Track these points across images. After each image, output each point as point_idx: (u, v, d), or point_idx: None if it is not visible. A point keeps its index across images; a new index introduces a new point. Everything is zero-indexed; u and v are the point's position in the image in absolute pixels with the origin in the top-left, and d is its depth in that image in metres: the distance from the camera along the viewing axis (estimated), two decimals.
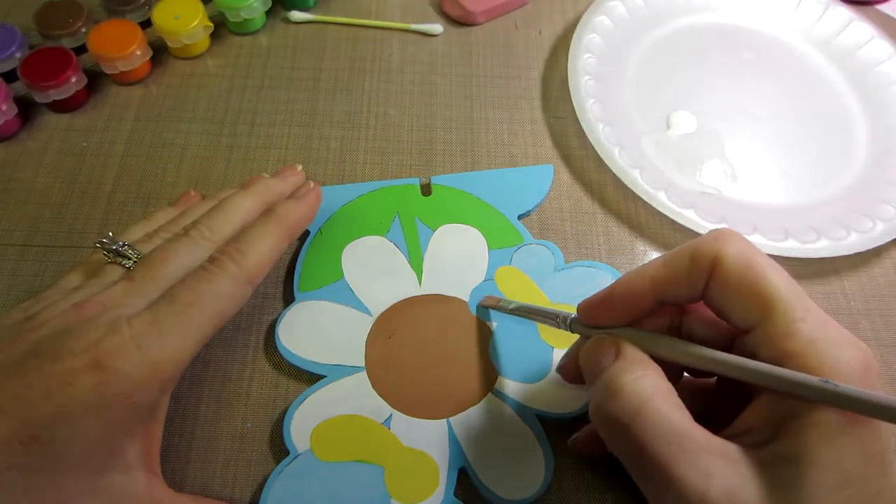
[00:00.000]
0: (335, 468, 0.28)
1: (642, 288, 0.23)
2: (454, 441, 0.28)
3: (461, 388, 0.30)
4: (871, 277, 0.36)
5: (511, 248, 0.34)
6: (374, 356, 0.30)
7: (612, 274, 0.33)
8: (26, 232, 0.34)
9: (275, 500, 0.27)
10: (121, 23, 0.39)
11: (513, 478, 0.28)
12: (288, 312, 0.31)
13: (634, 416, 0.21)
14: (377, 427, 0.29)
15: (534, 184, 0.36)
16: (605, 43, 0.42)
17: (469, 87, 0.41)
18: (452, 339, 0.31)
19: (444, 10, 0.44)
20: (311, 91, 0.40)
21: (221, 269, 0.26)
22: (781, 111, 0.41)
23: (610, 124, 0.38)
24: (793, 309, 0.21)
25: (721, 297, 0.22)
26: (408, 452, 0.28)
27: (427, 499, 0.27)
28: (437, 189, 0.36)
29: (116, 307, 0.24)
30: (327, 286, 0.32)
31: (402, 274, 0.33)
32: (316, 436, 0.28)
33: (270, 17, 0.43)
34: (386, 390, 0.30)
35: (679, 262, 0.23)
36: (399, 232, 0.34)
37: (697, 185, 0.37)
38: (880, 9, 0.47)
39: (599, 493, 0.29)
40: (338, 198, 0.35)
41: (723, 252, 0.22)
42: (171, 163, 0.37)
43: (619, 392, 0.21)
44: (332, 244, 0.34)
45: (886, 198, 0.37)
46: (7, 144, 0.37)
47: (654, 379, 0.22)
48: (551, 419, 0.29)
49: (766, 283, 0.21)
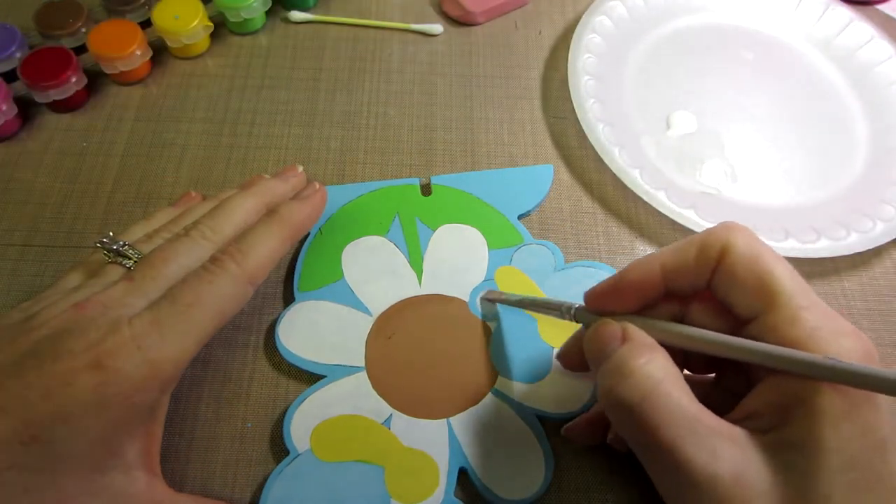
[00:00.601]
0: (335, 468, 0.28)
1: (653, 273, 0.24)
2: (454, 441, 0.28)
3: (461, 388, 0.30)
4: (871, 277, 0.36)
5: (511, 248, 0.34)
6: (374, 356, 0.30)
7: (609, 272, 0.33)
8: (26, 232, 0.34)
9: (275, 501, 0.27)
10: (121, 23, 0.39)
11: (513, 478, 0.28)
12: (288, 312, 0.31)
13: (644, 399, 0.21)
14: (377, 427, 0.29)
15: (534, 184, 0.36)
16: (605, 43, 0.42)
17: (469, 87, 0.41)
18: (452, 339, 0.31)
19: (444, 10, 0.44)
20: (311, 91, 0.40)
21: (223, 269, 0.26)
22: (781, 111, 0.41)
23: (610, 124, 0.38)
24: (797, 298, 0.21)
25: (727, 285, 0.23)
26: (408, 452, 0.28)
27: (427, 499, 0.27)
28: (437, 189, 0.36)
29: (117, 307, 0.24)
30: (327, 286, 0.32)
31: (403, 274, 0.33)
32: (316, 436, 0.28)
33: (270, 17, 0.43)
34: (386, 390, 0.30)
35: (688, 250, 0.23)
36: (399, 232, 0.34)
37: (697, 185, 0.37)
38: (880, 9, 0.47)
39: (599, 494, 0.29)
40: (338, 198, 0.35)
41: (732, 241, 0.23)
42: (171, 163, 0.37)
43: (630, 375, 0.21)
44: (332, 244, 0.34)
45: (886, 198, 0.37)
46: (7, 144, 0.37)
47: (663, 362, 0.22)
48: (551, 419, 0.29)
49: (772, 273, 0.22)
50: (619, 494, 0.29)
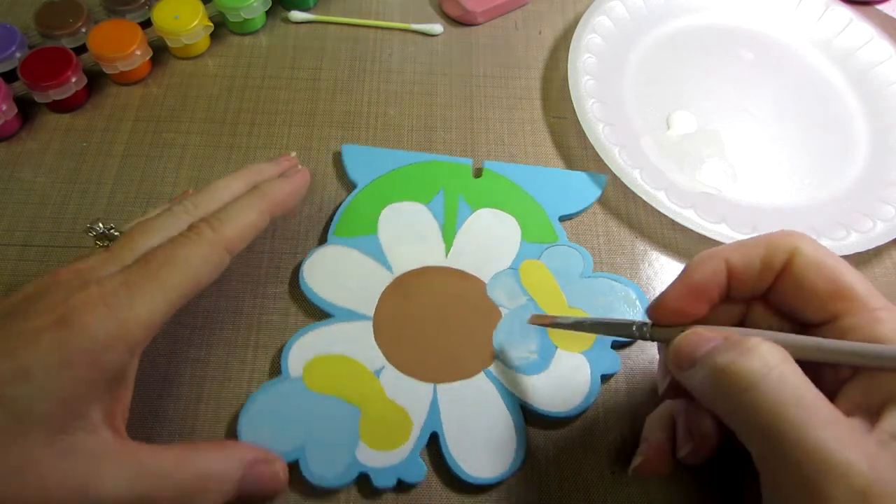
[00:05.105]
0: (318, 398, 0.29)
1: (720, 273, 0.23)
2: (435, 406, 0.29)
3: (456, 360, 0.31)
4: (871, 277, 0.36)
5: (544, 245, 0.34)
6: (384, 310, 0.32)
7: (634, 289, 0.33)
8: (26, 232, 0.34)
9: (256, 410, 0.29)
10: (121, 23, 0.39)
11: (480, 457, 0.28)
12: (318, 251, 0.33)
13: (767, 374, 0.20)
14: (367, 374, 0.30)
15: (584, 189, 0.37)
16: (605, 43, 0.42)
17: (469, 87, 0.41)
18: (461, 314, 0.32)
19: (444, 10, 0.44)
20: (311, 91, 0.40)
21: (198, 234, 0.26)
22: (781, 111, 0.41)
23: (610, 124, 0.38)
24: (873, 300, 0.22)
25: (795, 289, 0.23)
26: (389, 404, 0.29)
27: (393, 450, 0.28)
28: (488, 174, 0.37)
29: (91, 273, 0.24)
30: (360, 237, 0.34)
31: (432, 243, 0.34)
32: (309, 366, 0.30)
33: (270, 17, 0.43)
34: (385, 343, 0.31)
35: (755, 250, 0.23)
36: (440, 204, 0.35)
37: (697, 185, 0.37)
38: (880, 9, 0.47)
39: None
40: (392, 160, 0.37)
41: (800, 247, 0.23)
42: (171, 163, 0.37)
43: (754, 350, 0.21)
44: (375, 200, 0.35)
45: (886, 198, 0.37)
46: (7, 144, 0.37)
47: (778, 347, 0.21)
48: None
49: (844, 277, 0.22)
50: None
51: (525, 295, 0.33)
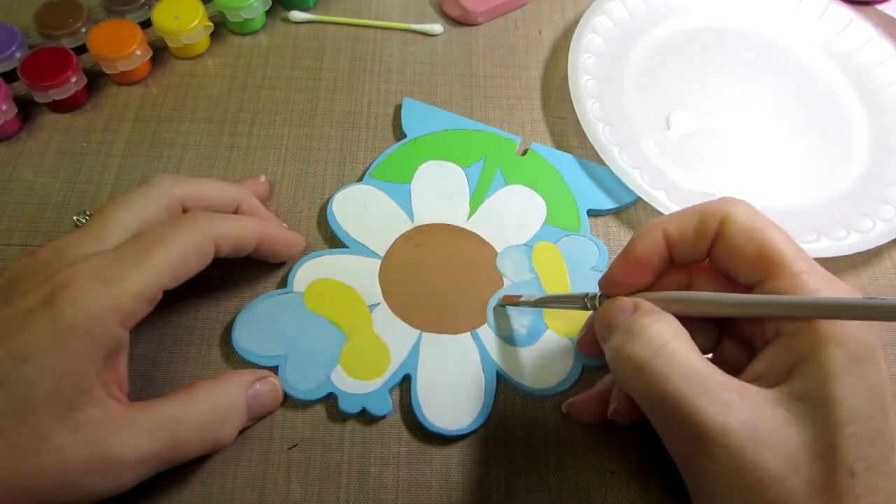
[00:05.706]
0: (311, 316, 0.31)
1: (658, 244, 0.24)
2: (416, 351, 0.31)
3: (448, 315, 0.32)
4: (871, 277, 0.36)
5: (565, 231, 0.35)
6: (395, 254, 0.34)
7: None
8: (26, 232, 0.34)
9: (254, 313, 0.31)
10: (121, 23, 0.39)
11: (446, 408, 0.30)
12: (351, 187, 0.35)
13: (654, 354, 0.22)
14: (363, 306, 0.32)
15: (621, 190, 0.37)
16: (605, 43, 0.42)
17: (469, 87, 0.41)
18: (465, 275, 0.33)
19: (444, 10, 0.44)
20: (311, 91, 0.40)
21: (193, 218, 0.27)
22: (781, 111, 0.41)
23: (610, 124, 0.38)
24: (798, 264, 0.22)
25: (728, 254, 0.23)
26: (373, 338, 0.31)
27: (366, 381, 0.30)
28: (532, 155, 0.38)
29: (69, 249, 0.24)
30: (394, 183, 0.36)
31: (458, 205, 0.35)
32: (311, 286, 0.32)
33: (270, 17, 0.43)
34: (387, 283, 0.33)
35: (690, 218, 0.24)
36: (477, 172, 0.37)
37: (697, 185, 0.37)
38: (880, 9, 0.47)
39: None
40: (446, 121, 0.38)
41: (731, 212, 0.23)
42: (171, 163, 0.37)
43: (640, 332, 0.22)
44: (418, 153, 0.37)
45: (886, 198, 0.37)
46: (7, 144, 0.37)
47: (671, 322, 0.23)
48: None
49: (772, 240, 0.23)
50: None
51: (532, 273, 0.33)
